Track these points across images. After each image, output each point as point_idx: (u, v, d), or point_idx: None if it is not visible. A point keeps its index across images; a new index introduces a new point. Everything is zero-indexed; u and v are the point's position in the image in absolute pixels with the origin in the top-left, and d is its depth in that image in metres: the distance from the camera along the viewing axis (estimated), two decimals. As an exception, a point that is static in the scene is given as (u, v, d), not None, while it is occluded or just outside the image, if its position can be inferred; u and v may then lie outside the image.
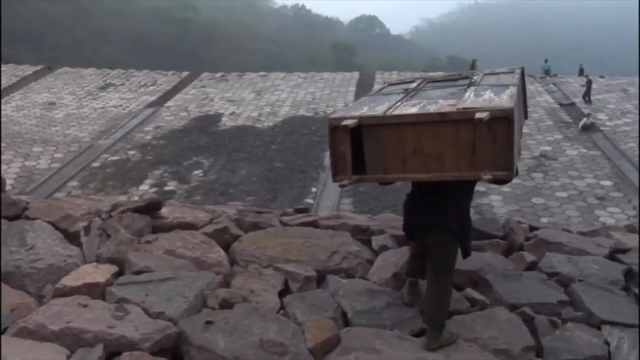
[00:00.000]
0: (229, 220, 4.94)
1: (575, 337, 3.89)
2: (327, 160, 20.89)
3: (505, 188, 17.85)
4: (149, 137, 24.01)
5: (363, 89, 26.88)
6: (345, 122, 3.46)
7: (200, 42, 63.42)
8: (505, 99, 3.53)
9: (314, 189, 18.44)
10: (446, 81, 4.57)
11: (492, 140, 3.29)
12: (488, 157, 3.30)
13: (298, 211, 5.57)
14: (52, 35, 56.16)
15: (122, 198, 5.40)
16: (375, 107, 3.76)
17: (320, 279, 4.41)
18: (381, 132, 3.49)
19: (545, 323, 4.01)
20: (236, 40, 66.89)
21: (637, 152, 19.52)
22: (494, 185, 17.95)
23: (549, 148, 20.21)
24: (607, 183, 17.69)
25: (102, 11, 65.64)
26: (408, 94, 4.12)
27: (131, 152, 22.30)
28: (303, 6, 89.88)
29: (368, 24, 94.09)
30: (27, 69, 32.30)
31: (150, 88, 30.36)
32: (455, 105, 3.51)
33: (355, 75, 31.28)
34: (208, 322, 3.65)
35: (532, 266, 4.75)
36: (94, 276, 4.05)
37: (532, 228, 5.41)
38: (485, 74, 4.56)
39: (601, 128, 22.23)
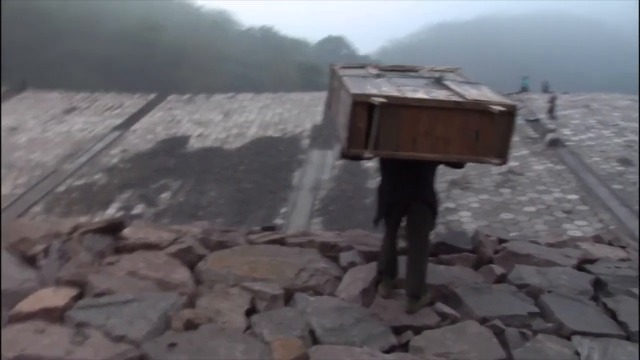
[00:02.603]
0: (193, 239, 4.84)
1: (546, 348, 3.85)
2: (295, 180, 20.86)
3: (474, 204, 18.02)
4: (115, 161, 23.72)
5: (331, 108, 26.92)
6: (374, 100, 3.75)
7: (167, 64, 63.00)
8: (500, 96, 4.05)
9: (283, 209, 18.35)
10: (403, 72, 4.92)
11: (494, 130, 3.80)
12: (489, 145, 3.82)
13: (265, 229, 5.48)
14: (16, 57, 55.40)
15: (83, 219, 5.24)
16: (382, 89, 4.05)
17: (288, 297, 4.31)
18: (402, 112, 3.81)
19: (515, 335, 3.97)
20: (204, 62, 66.59)
21: (601, 166, 19.89)
22: (463, 201, 18.13)
23: (516, 163, 20.44)
24: (573, 197, 17.94)
25: (69, 33, 64.94)
26: (386, 79, 4.45)
27: (97, 176, 21.99)
28: (270, 28, 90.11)
29: (335, 44, 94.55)
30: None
31: (117, 111, 30.05)
32: (461, 96, 3.96)
33: (323, 95, 31.31)
34: (172, 344, 3.52)
35: (501, 279, 4.73)
36: (52, 300, 3.89)
37: (501, 240, 5.40)
38: (429, 70, 5.01)
39: (566, 143, 22.59)
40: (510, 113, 3.81)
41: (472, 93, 4.07)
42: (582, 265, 4.99)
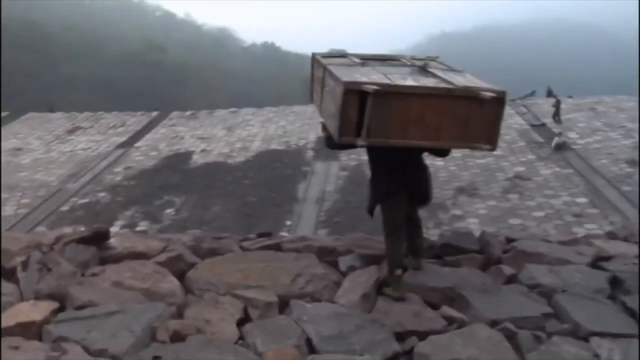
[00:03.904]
0: (183, 247, 4.58)
1: (563, 351, 3.57)
2: (300, 192, 20.61)
3: (481, 211, 17.68)
4: (119, 178, 23.52)
5: (334, 119, 26.70)
6: (367, 87, 3.71)
7: (171, 83, 63.22)
8: (486, 83, 4.04)
9: (288, 222, 18.06)
10: (385, 60, 4.94)
11: (484, 116, 3.82)
12: (479, 131, 3.85)
13: (261, 235, 5.22)
14: (19, 82, 55.60)
15: (67, 229, 4.99)
16: (371, 77, 4.01)
17: (283, 304, 4.05)
18: (394, 100, 3.78)
19: (529, 338, 3.69)
20: (207, 80, 66.83)
21: (610, 169, 19.53)
22: (470, 208, 17.80)
23: (523, 168, 20.12)
24: (582, 200, 17.57)
25: (72, 56, 65.30)
26: (372, 68, 4.43)
27: (101, 194, 21.76)
28: (272, 43, 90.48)
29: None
30: (-7, 117, 31.73)
31: (120, 129, 29.92)
32: (450, 83, 3.96)
33: (326, 107, 31.14)
34: (156, 357, 3.28)
35: (511, 279, 4.46)
36: (29, 315, 3.65)
37: (509, 240, 5.13)
38: (410, 59, 5.01)
39: (573, 147, 22.26)
40: (499, 99, 3.84)
41: (459, 80, 4.10)
42: (597, 262, 4.72)
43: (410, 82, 4.03)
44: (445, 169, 20.33)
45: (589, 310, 3.96)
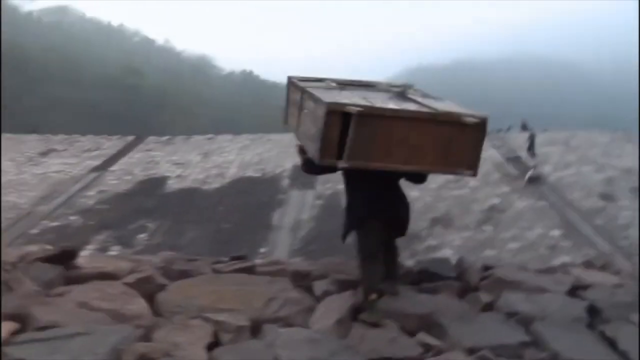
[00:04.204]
0: (153, 268, 4.43)
1: (541, 380, 3.49)
2: (275, 220, 20.47)
3: (456, 241, 17.73)
4: (91, 202, 23.18)
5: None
6: (351, 109, 3.65)
7: (148, 108, 63.04)
8: (467, 109, 3.99)
9: (262, 249, 17.90)
10: (363, 86, 4.86)
11: (466, 142, 3.80)
12: (460, 157, 3.82)
13: (234, 259, 5.08)
14: (-2, 103, 54.98)
15: (33, 248, 4.82)
16: (353, 99, 3.95)
17: (255, 328, 3.91)
18: (377, 122, 3.71)
19: (507, 367, 3.60)
20: (184, 106, 66.76)
21: (583, 202, 19.81)
22: (445, 239, 17.82)
23: (497, 200, 20.29)
24: (556, 233, 17.72)
25: (52, 79, 64.80)
26: (351, 92, 4.38)
27: (73, 218, 21.41)
28: (251, 72, 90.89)
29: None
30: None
31: (95, 152, 29.59)
32: (432, 108, 3.91)
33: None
34: (120, 382, 3.12)
35: (489, 307, 4.37)
36: (-14, 336, 3.46)
37: (487, 267, 5.06)
38: (387, 85, 4.97)
39: (547, 180, 22.51)
40: (481, 125, 3.81)
41: (440, 105, 4.07)
42: (575, 291, 4.65)
43: (392, 105, 3.99)
44: (420, 200, 20.37)
45: (567, 339, 3.88)
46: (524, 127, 30.64)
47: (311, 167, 4.36)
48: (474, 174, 3.93)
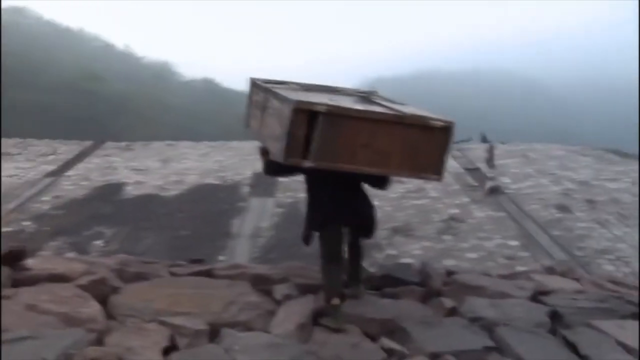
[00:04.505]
0: (108, 270, 4.26)
1: (505, 385, 3.44)
2: (234, 228, 20.25)
3: (416, 251, 17.76)
4: (46, 207, 22.53)
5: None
6: (316, 108, 3.65)
7: (107, 114, 61.92)
8: (433, 113, 4.00)
9: (221, 257, 17.62)
10: (326, 89, 4.85)
11: (432, 146, 3.82)
12: (426, 161, 3.84)
13: (193, 262, 4.94)
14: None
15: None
16: (320, 100, 3.90)
17: (213, 333, 3.79)
18: (343, 123, 3.70)
19: (470, 372, 3.55)
20: (144, 112, 65.84)
21: (541, 214, 20.04)
22: (405, 248, 17.87)
23: (457, 211, 20.41)
24: (514, 243, 17.88)
25: (6, 83, 63.25)
26: (317, 93, 4.38)
27: (26, 223, 20.76)
28: (212, 79, 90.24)
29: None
30: None
31: (50, 157, 28.85)
32: (398, 111, 3.95)
33: (265, 144, 30.94)
34: (69, 387, 2.95)
35: (452, 312, 4.35)
36: None
37: (450, 273, 5.03)
38: (351, 90, 5.01)
39: (505, 191, 22.80)
40: (448, 129, 3.88)
41: (406, 109, 4.11)
42: (537, 296, 4.65)
43: (359, 107, 3.98)
44: (380, 209, 20.30)
45: (531, 344, 3.87)
46: (484, 140, 31.09)
47: (273, 169, 4.28)
48: (440, 179, 3.97)
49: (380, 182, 4.41)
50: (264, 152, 4.46)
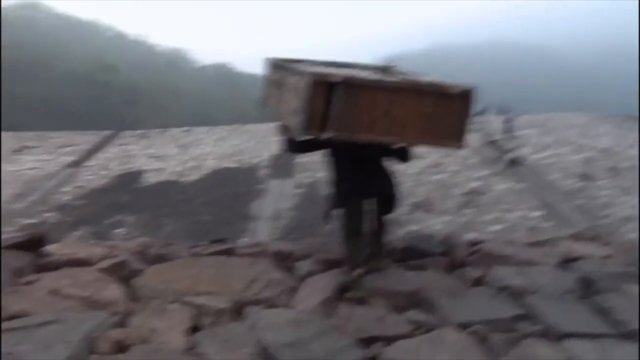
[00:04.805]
0: (129, 253, 4.23)
1: (537, 353, 3.36)
2: (254, 210, 20.28)
3: (437, 226, 17.65)
4: (67, 198, 22.69)
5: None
6: (333, 79, 3.61)
7: (122, 103, 62.17)
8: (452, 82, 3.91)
9: (242, 241, 17.65)
10: (342, 66, 4.73)
11: (451, 113, 3.76)
12: (446, 129, 3.78)
13: (214, 242, 4.90)
14: (-36, 102, 53.83)
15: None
16: (336, 72, 3.86)
17: (237, 311, 3.74)
18: (360, 93, 3.66)
19: (500, 341, 3.48)
20: (159, 100, 66.00)
21: (562, 183, 19.83)
22: (426, 224, 17.79)
23: (477, 184, 20.22)
24: (536, 214, 17.68)
25: (20, 75, 63.57)
26: (335, 68, 4.30)
27: (48, 214, 20.95)
28: (224, 64, 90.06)
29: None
30: None
31: (69, 149, 29.00)
32: (417, 80, 3.96)
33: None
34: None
35: (479, 282, 4.27)
36: (-50, 327, 3.25)
37: (474, 242, 4.94)
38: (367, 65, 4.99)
39: (526, 162, 22.56)
40: (466, 95, 3.81)
41: (425, 78, 4.11)
42: (565, 263, 4.55)
43: (376, 77, 3.97)
44: (400, 186, 20.38)
45: (561, 311, 3.78)
46: (501, 111, 30.79)
47: (294, 146, 4.23)
48: (461, 146, 3.88)
49: (402, 155, 4.35)
50: (284, 130, 4.42)
